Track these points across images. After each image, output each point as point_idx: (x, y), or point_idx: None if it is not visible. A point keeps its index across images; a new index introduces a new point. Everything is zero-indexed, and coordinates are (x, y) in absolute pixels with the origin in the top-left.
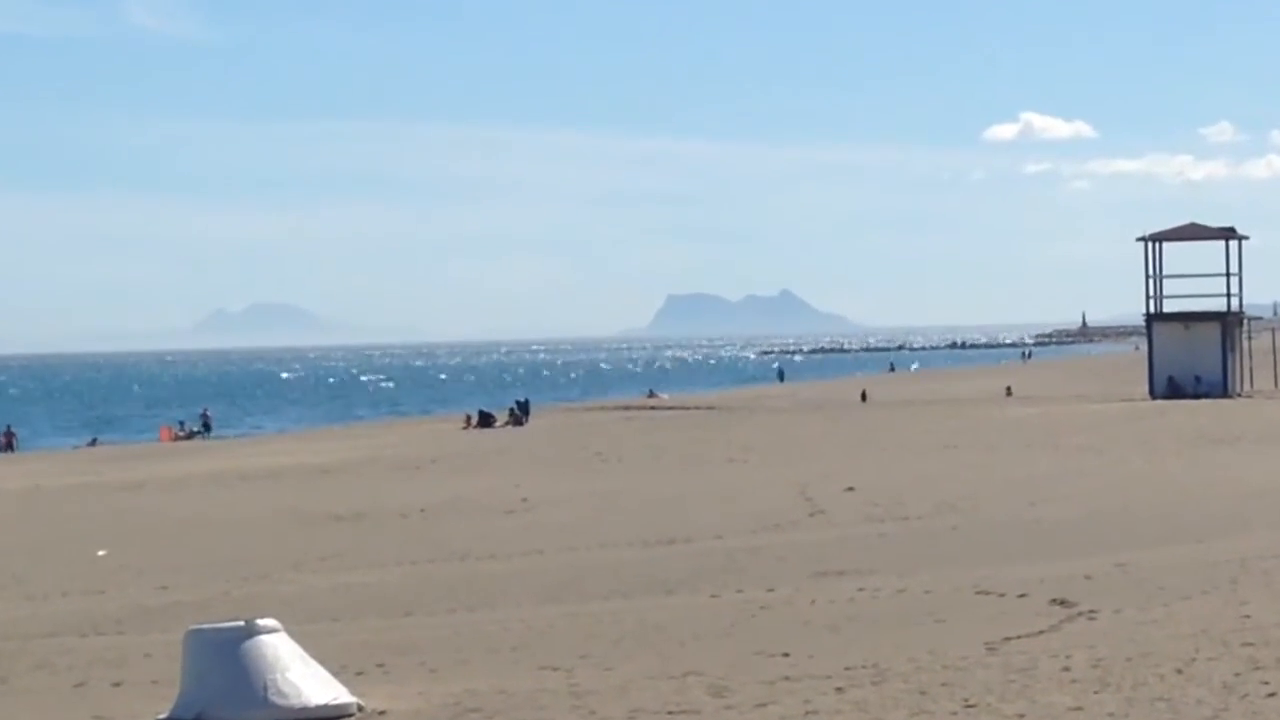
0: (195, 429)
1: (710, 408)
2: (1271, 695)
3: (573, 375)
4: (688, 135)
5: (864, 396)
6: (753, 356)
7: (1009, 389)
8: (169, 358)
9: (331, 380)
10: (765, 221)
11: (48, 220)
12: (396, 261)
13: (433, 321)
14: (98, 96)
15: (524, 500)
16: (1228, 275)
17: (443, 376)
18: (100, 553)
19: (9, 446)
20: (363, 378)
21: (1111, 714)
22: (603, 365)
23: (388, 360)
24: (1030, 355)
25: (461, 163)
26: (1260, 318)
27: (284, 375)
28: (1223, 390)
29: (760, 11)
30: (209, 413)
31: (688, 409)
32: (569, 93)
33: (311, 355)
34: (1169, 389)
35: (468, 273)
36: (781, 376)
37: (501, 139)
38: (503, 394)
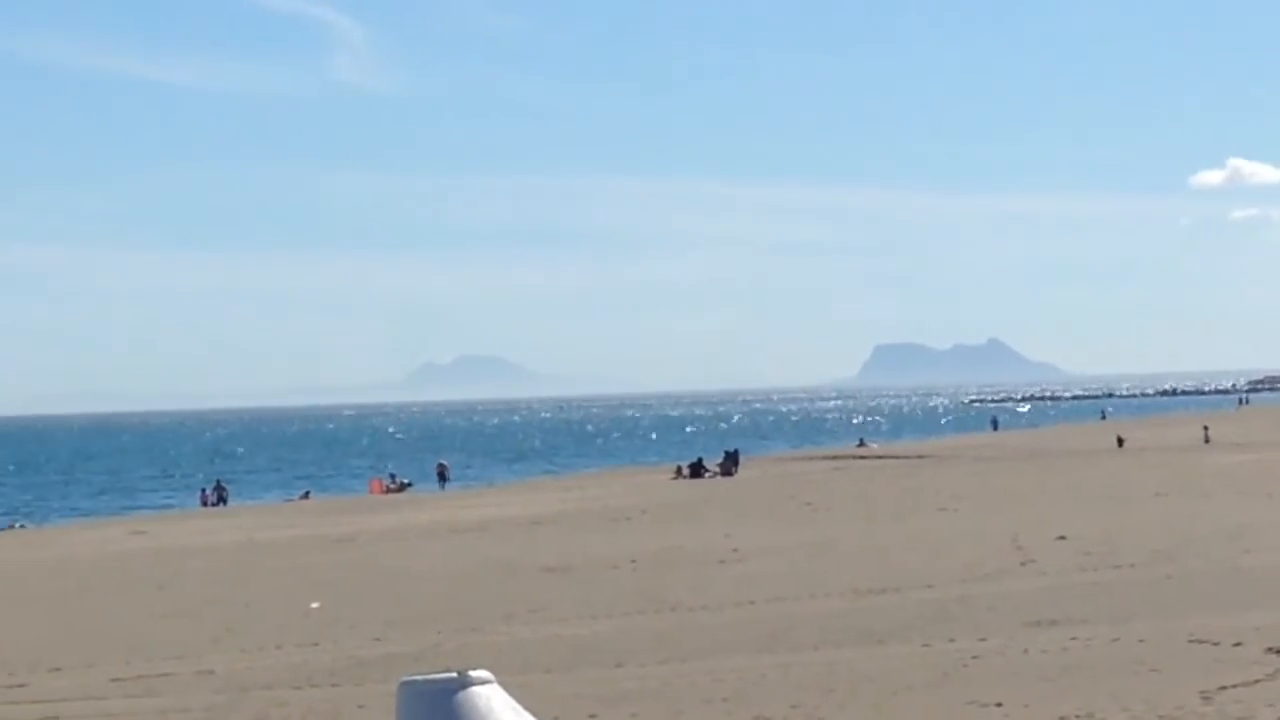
0: (405, 481)
1: (921, 456)
2: None
3: (782, 425)
4: (894, 184)
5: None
6: (970, 403)
7: (1206, 435)
8: (386, 410)
9: (540, 431)
10: (973, 270)
11: (257, 277)
12: (600, 313)
13: (639, 372)
14: (304, 153)
15: (734, 550)
16: None
17: (654, 435)
18: (313, 605)
19: (221, 500)
20: (588, 427)
21: None
22: (812, 415)
23: (596, 411)
24: (1247, 401)
25: (666, 215)
26: None
27: (494, 421)
28: None
29: (965, 59)
30: (446, 464)
31: (898, 458)
32: (772, 144)
33: (521, 407)
34: None
35: (673, 324)
36: (995, 425)
37: (705, 191)
38: (712, 444)
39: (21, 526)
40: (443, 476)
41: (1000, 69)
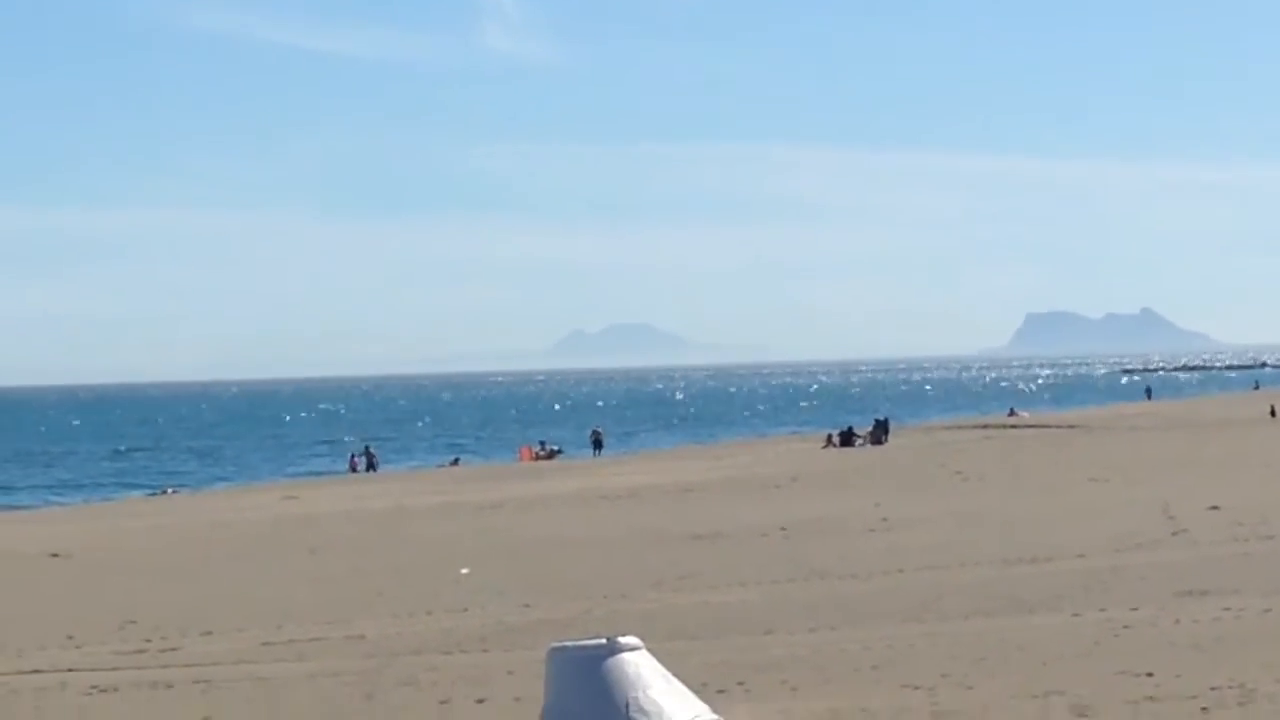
0: (555, 448)
1: (1072, 426)
2: None
3: (933, 394)
4: (1043, 153)
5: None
6: (1126, 371)
7: None
8: (538, 378)
9: (693, 399)
10: (1125, 239)
11: (409, 245)
12: (748, 282)
13: (789, 341)
14: (458, 121)
15: (884, 519)
16: None
17: (803, 404)
18: (463, 571)
19: (371, 466)
20: (738, 395)
21: None
22: (963, 384)
23: (748, 379)
24: None
25: (812, 183)
26: None
27: (647, 389)
28: None
29: (1122, 30)
30: (600, 430)
31: (1049, 428)
32: (922, 114)
33: (674, 375)
34: None
35: (821, 293)
36: (1149, 394)
37: (854, 160)
38: (862, 413)
39: (173, 491)
40: (598, 443)
41: (1163, 40)
